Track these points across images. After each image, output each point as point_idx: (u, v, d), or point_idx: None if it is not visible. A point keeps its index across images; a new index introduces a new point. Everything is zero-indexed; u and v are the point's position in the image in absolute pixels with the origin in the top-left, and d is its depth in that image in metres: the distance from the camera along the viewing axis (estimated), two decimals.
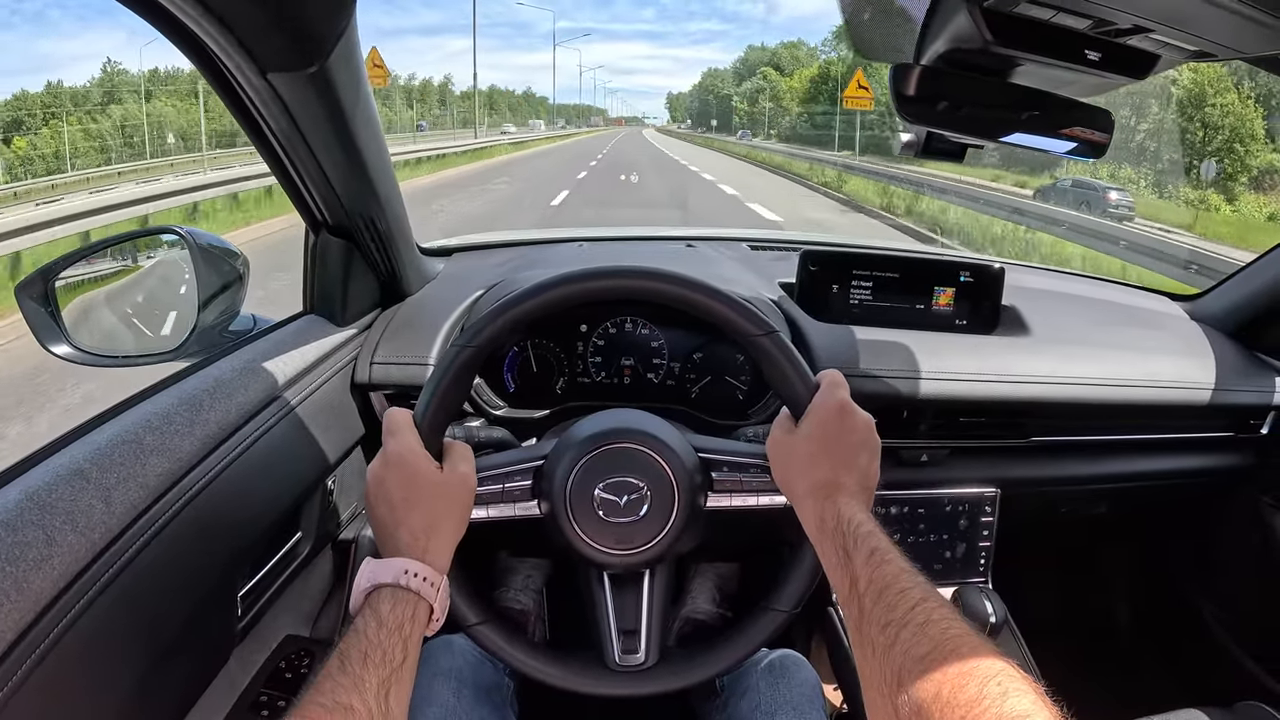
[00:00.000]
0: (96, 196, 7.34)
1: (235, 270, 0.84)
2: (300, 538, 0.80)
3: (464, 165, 17.22)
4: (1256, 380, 1.03)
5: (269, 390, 0.74)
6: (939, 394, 0.91)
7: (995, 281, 1.00)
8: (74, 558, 0.50)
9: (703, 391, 0.97)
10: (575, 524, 0.60)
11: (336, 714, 0.42)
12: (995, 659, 0.40)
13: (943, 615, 0.43)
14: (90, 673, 0.51)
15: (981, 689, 0.38)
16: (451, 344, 0.60)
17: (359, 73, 0.67)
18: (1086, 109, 0.69)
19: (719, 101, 65.31)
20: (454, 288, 0.99)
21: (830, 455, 0.56)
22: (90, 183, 13.68)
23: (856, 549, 0.49)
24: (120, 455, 0.56)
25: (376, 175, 0.78)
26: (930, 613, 0.43)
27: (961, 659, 0.40)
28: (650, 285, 0.61)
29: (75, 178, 15.21)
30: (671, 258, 1.15)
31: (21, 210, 6.66)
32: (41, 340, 0.75)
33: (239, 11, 0.54)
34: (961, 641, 0.41)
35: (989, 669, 0.39)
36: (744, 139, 40.32)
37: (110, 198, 7.07)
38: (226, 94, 0.65)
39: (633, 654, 0.62)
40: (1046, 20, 0.58)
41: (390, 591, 0.51)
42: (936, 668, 0.40)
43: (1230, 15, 0.51)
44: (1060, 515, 1.16)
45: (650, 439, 0.62)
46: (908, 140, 0.77)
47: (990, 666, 0.39)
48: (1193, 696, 0.86)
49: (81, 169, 16.95)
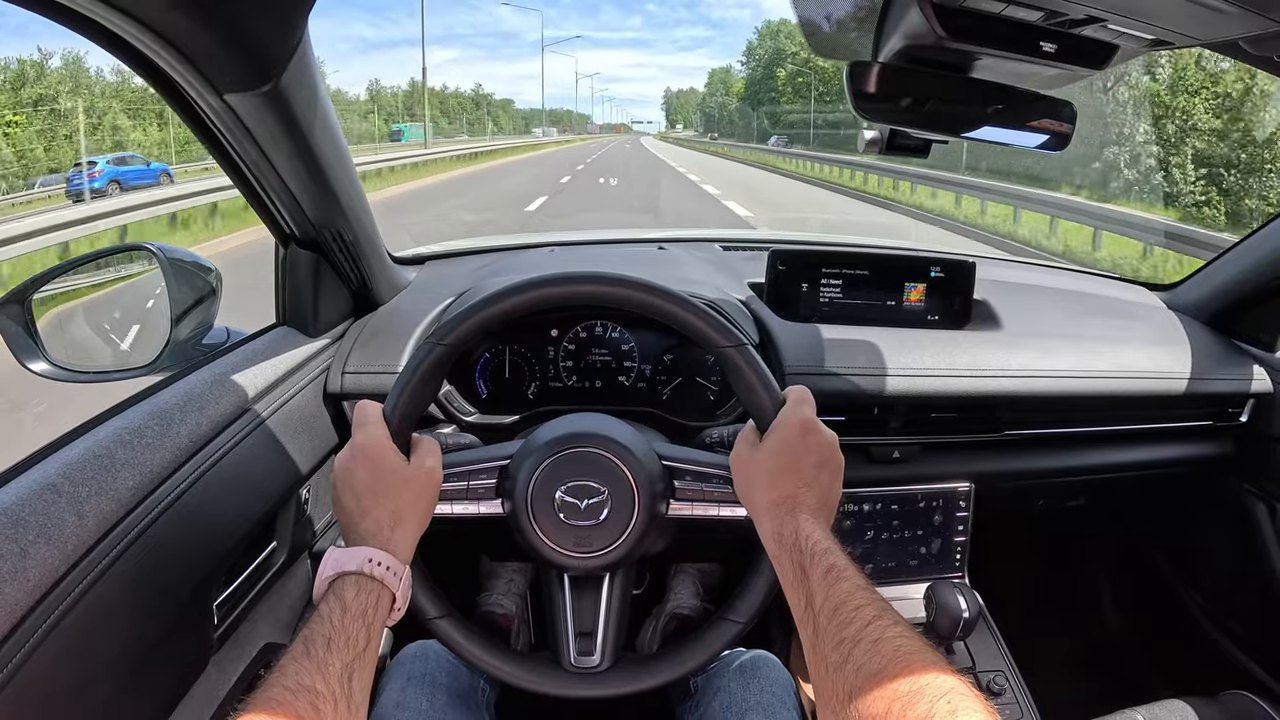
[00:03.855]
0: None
1: (208, 284, 0.85)
2: (275, 547, 0.81)
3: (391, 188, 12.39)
4: (1234, 368, 1.03)
5: (241, 402, 0.75)
6: (910, 391, 0.92)
7: (966, 276, 1.00)
8: (47, 570, 0.51)
9: (674, 393, 0.97)
10: (536, 525, 0.61)
11: (300, 696, 0.43)
12: (947, 676, 0.40)
13: (896, 633, 0.44)
14: (67, 682, 0.52)
15: (931, 707, 0.38)
16: (425, 339, 0.61)
17: (315, 88, 0.68)
18: (1049, 101, 0.69)
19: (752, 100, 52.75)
20: (425, 295, 1.00)
21: (792, 472, 0.56)
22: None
23: (813, 566, 0.50)
24: (92, 469, 0.57)
25: (340, 188, 0.78)
26: (884, 630, 0.44)
27: (913, 676, 0.40)
28: (623, 293, 0.61)
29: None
30: (643, 261, 1.16)
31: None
32: (19, 358, 0.76)
33: (191, 36, 0.55)
34: (914, 659, 0.41)
35: (940, 686, 0.39)
36: (778, 146, 29.14)
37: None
38: (186, 114, 0.66)
39: (588, 656, 0.62)
40: (998, 14, 0.58)
41: (354, 579, 0.52)
42: (887, 685, 0.40)
43: (1184, 2, 0.51)
44: (1038, 508, 1.16)
45: (613, 444, 0.62)
46: (871, 138, 0.77)
47: (941, 684, 0.39)
48: (1178, 687, 0.86)
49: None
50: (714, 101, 73.16)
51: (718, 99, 71.13)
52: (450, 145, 25.03)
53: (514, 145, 29.69)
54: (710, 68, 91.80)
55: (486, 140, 31.14)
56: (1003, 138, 0.71)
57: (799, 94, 41.95)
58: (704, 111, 78.14)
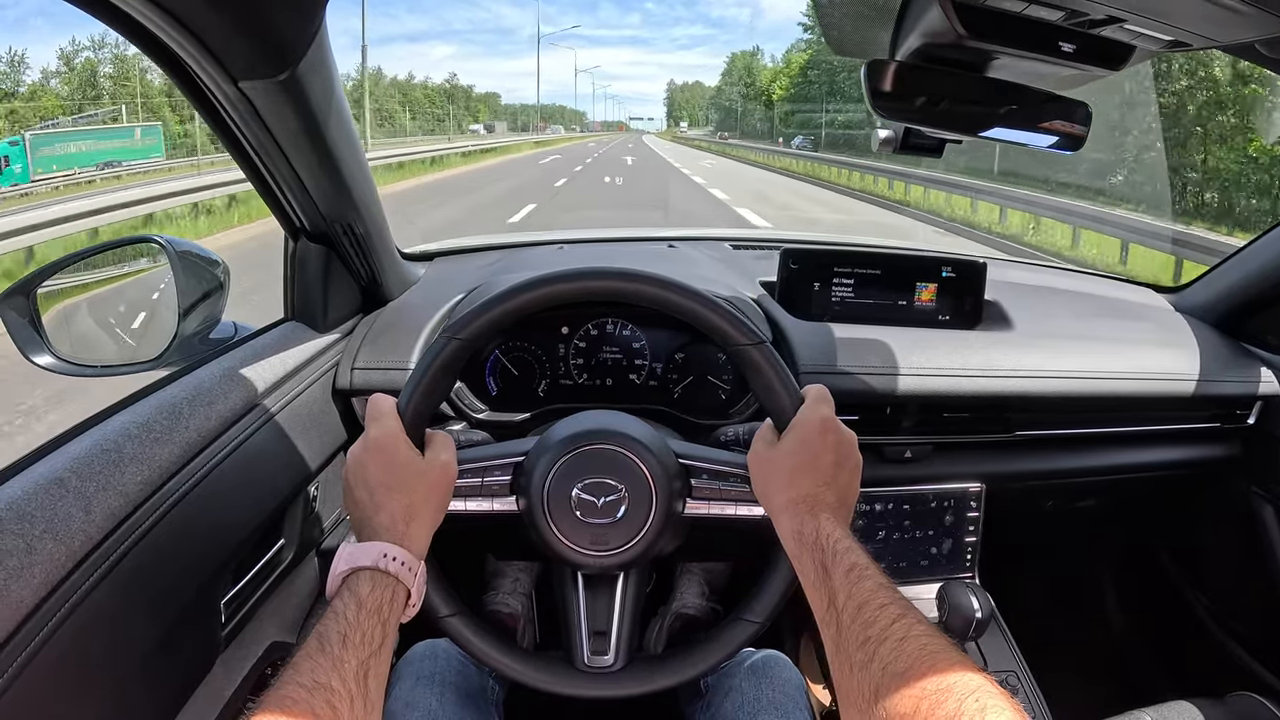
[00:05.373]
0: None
1: (216, 278, 0.84)
2: (283, 544, 0.80)
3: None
4: (1242, 370, 1.03)
5: (249, 397, 0.74)
6: (922, 390, 0.91)
7: (978, 276, 1.00)
8: (54, 566, 0.50)
9: (685, 392, 0.97)
10: (552, 522, 0.60)
11: (316, 693, 0.42)
12: (974, 675, 0.40)
13: (921, 631, 0.43)
14: (72, 680, 0.52)
15: (960, 704, 0.38)
16: (440, 334, 0.60)
17: (331, 78, 0.68)
18: (1064, 102, 0.69)
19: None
20: (435, 292, 0.99)
21: (811, 471, 0.56)
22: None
23: (835, 565, 0.49)
24: (100, 464, 0.57)
25: (353, 181, 0.78)
26: (909, 628, 0.43)
27: (940, 675, 0.40)
28: (639, 288, 0.61)
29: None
30: (653, 258, 1.16)
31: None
32: (24, 351, 0.75)
33: (208, 21, 0.55)
34: (940, 657, 0.41)
35: (967, 685, 0.39)
36: (801, 148, 26.28)
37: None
38: (200, 103, 0.65)
39: (602, 655, 0.62)
40: (1019, 13, 0.58)
41: (369, 574, 0.51)
42: (914, 683, 0.40)
43: (1202, 3, 0.51)
44: (1047, 509, 1.16)
45: (631, 442, 0.62)
46: (885, 137, 0.77)
47: (969, 682, 0.39)
48: (1184, 689, 0.86)
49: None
50: (734, 93, 61.64)
51: (738, 90, 59.95)
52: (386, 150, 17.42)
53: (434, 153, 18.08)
54: (711, 62, 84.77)
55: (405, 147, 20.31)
56: (1016, 138, 0.70)
57: (835, 93, 32.85)
58: (722, 105, 65.89)
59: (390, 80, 54.20)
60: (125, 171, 12.83)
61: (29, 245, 5.40)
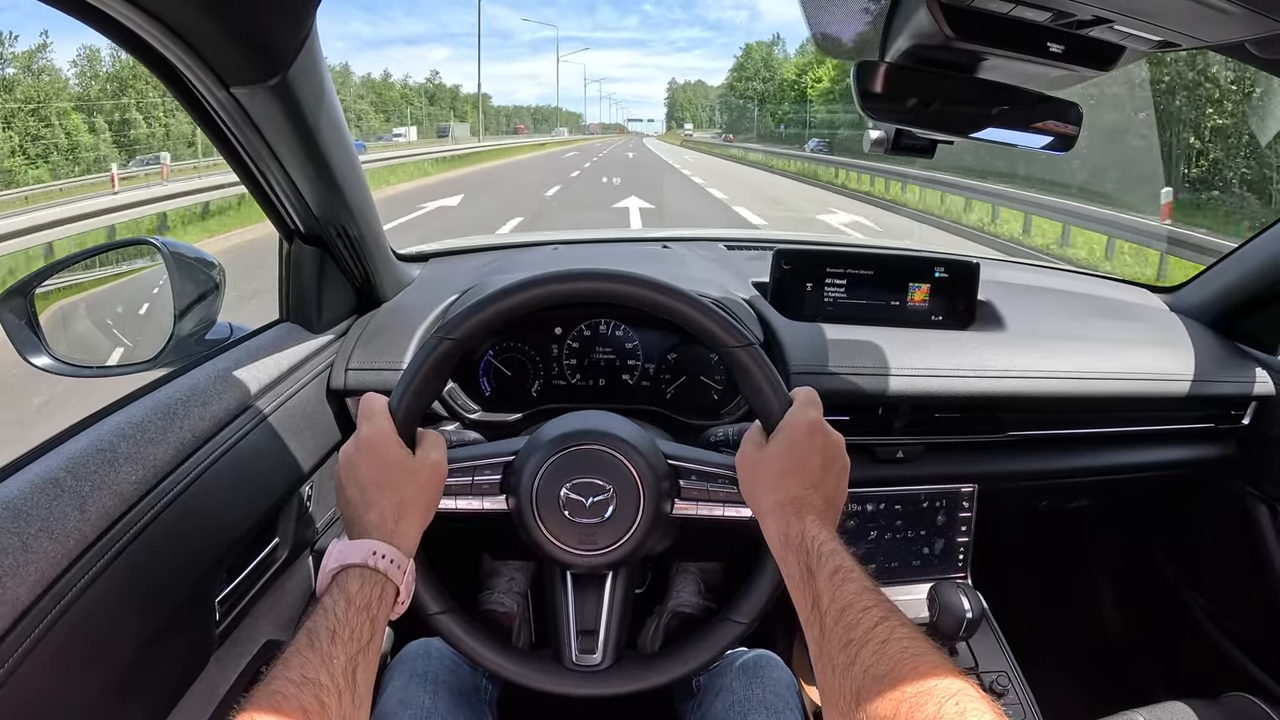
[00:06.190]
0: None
1: (211, 279, 0.85)
2: (277, 543, 0.81)
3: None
4: (1237, 371, 1.03)
5: (244, 398, 0.75)
6: (914, 390, 0.91)
7: (971, 277, 1.00)
8: (50, 564, 0.50)
9: (677, 392, 0.97)
10: (540, 522, 0.61)
11: (305, 689, 0.43)
12: (954, 678, 0.40)
13: (904, 634, 0.43)
14: (67, 676, 0.52)
15: (939, 708, 0.38)
16: (433, 333, 0.60)
17: (323, 82, 0.68)
18: (1055, 102, 0.69)
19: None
20: (429, 292, 1.00)
21: (798, 473, 0.56)
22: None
23: (820, 567, 0.50)
24: (95, 463, 0.57)
25: (346, 183, 0.78)
26: (891, 631, 0.44)
27: (921, 678, 0.40)
28: (630, 290, 0.61)
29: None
30: (647, 259, 1.16)
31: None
32: (22, 352, 0.76)
33: (200, 28, 0.55)
34: (921, 660, 0.41)
35: (948, 688, 0.39)
36: (819, 150, 23.89)
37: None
38: (192, 107, 0.66)
39: (589, 654, 0.62)
40: (1005, 14, 0.59)
41: (359, 572, 0.51)
42: (896, 686, 0.40)
43: (1191, 3, 0.51)
44: (1040, 509, 1.16)
45: (620, 442, 0.62)
46: (876, 138, 0.77)
47: (949, 686, 0.39)
48: (1179, 689, 0.86)
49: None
50: (750, 89, 56.31)
51: (754, 87, 54.94)
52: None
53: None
54: (709, 64, 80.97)
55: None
56: (1008, 139, 0.71)
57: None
58: (733, 103, 59.09)
59: (362, 79, 50.98)
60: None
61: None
